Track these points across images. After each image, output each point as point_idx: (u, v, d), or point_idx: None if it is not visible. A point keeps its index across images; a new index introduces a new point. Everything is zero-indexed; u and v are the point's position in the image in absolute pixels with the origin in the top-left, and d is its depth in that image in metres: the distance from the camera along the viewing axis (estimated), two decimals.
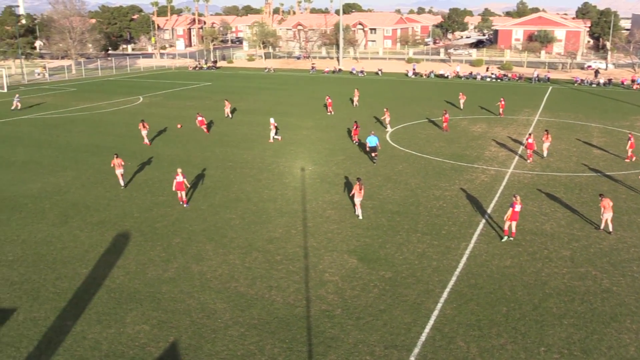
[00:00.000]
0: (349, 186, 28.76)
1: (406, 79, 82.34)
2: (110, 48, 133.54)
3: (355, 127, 38.89)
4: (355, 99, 56.03)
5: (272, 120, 39.81)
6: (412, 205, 25.94)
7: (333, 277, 19.00)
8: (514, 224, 21.84)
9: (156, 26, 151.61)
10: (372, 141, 33.32)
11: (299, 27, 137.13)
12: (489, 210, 25.26)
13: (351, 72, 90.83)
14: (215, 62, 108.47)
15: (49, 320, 16.48)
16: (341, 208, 25.64)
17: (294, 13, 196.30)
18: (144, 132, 39.10)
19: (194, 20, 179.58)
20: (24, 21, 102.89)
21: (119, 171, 28.90)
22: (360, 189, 24.16)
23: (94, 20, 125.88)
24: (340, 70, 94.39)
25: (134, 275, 19.28)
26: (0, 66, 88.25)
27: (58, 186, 29.48)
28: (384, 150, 36.37)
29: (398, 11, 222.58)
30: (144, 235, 22.78)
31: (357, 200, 24.34)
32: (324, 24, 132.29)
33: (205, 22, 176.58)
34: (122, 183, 29.24)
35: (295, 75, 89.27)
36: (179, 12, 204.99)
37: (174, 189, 26.38)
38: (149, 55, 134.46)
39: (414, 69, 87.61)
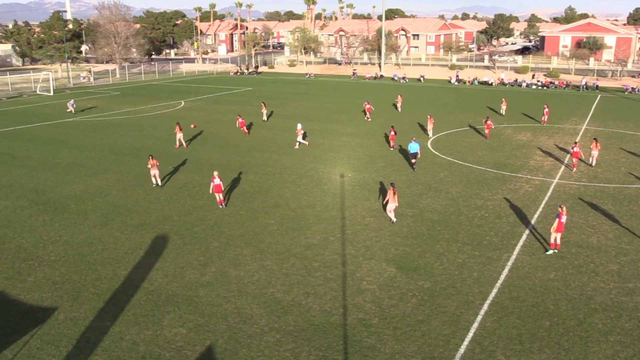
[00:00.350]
0: (385, 192, 28.58)
1: (449, 86, 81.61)
2: (153, 53, 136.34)
3: (392, 132, 38.81)
4: (399, 104, 56.37)
5: (299, 126, 40.53)
6: (453, 215, 25.65)
7: (371, 285, 18.91)
8: (558, 235, 21.37)
9: (199, 31, 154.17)
10: (413, 147, 33.39)
11: (341, 33, 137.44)
12: (532, 222, 24.77)
13: (393, 79, 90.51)
14: (257, 67, 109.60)
15: (88, 320, 16.85)
16: (380, 216, 25.52)
17: (336, 19, 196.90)
18: (179, 135, 39.90)
19: (236, 25, 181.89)
20: (71, 26, 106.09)
21: (153, 172, 29.97)
22: (395, 195, 24.12)
23: (138, 25, 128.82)
24: (381, 76, 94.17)
25: (172, 278, 19.56)
26: (48, 70, 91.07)
27: (100, 188, 30.17)
28: (425, 157, 36.09)
29: (442, 17, 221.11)
30: (182, 238, 23.11)
31: (391, 206, 24.28)
32: (366, 29, 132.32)
33: (247, 28, 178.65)
34: (158, 182, 30.23)
35: (336, 81, 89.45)
36: (221, 17, 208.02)
37: (211, 191, 26.82)
38: (191, 60, 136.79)
39: (457, 76, 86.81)
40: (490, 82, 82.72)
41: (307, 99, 67.45)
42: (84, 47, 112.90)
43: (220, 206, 26.74)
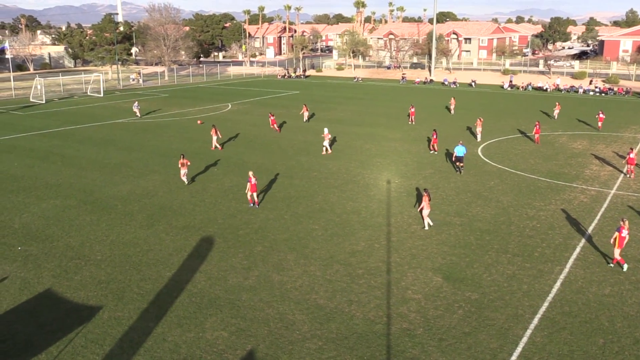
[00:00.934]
0: (433, 201, 28.30)
1: (501, 91, 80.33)
2: (202, 55, 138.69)
3: (434, 136, 39.18)
4: (452, 107, 56.38)
5: (326, 130, 40.06)
6: (503, 224, 25.19)
7: (416, 294, 18.73)
8: (617, 251, 20.70)
9: (247, 34, 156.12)
10: (459, 151, 33.78)
11: (390, 36, 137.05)
12: (587, 234, 24.11)
13: (443, 83, 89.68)
14: (304, 70, 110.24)
15: (131, 320, 17.21)
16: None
17: (386, 22, 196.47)
18: (215, 138, 40.78)
19: (284, 28, 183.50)
20: (121, 28, 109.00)
21: (183, 171, 31.11)
22: (429, 201, 24.22)
23: (187, 28, 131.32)
24: (431, 81, 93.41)
25: (215, 281, 19.80)
26: (98, 71, 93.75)
27: (146, 189, 30.83)
28: (474, 165, 35.61)
29: (495, 20, 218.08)
30: (226, 241, 23.38)
31: (425, 212, 24.34)
32: (417, 33, 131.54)
33: (295, 31, 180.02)
34: (186, 181, 31.44)
35: (385, 86, 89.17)
36: (270, 20, 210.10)
37: (246, 191, 28.00)
38: (239, 63, 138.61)
39: (510, 81, 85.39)
40: (545, 88, 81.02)
41: (355, 103, 67.44)
42: (133, 50, 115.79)
43: (251, 205, 27.72)
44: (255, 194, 27.77)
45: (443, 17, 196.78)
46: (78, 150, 40.82)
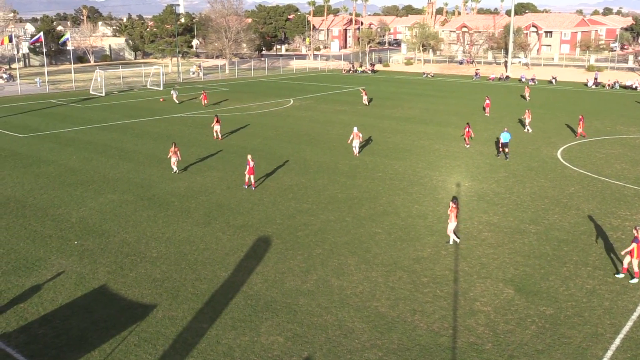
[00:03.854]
0: (506, 207, 27.78)
1: (585, 90, 77.91)
2: (264, 48, 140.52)
3: (467, 128, 40.82)
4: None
5: (355, 129, 38.86)
6: (584, 234, 24.44)
7: (485, 307, 18.41)
8: (635, 262, 19.94)
9: (311, 26, 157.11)
10: (505, 137, 37.08)
11: (464, 29, 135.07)
12: None
13: (520, 80, 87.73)
14: (372, 65, 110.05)
15: (185, 320, 17.62)
16: (499, 231, 24.80)
17: (459, 14, 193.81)
18: (216, 127, 43.46)
19: (350, 20, 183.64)
20: (183, 20, 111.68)
21: (174, 159, 33.38)
22: (456, 213, 23.21)
23: (249, 20, 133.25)
24: (507, 77, 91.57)
25: (272, 283, 20.02)
26: (158, 64, 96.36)
27: (204, 186, 31.48)
28: (553, 169, 34.73)
29: (579, 12, 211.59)
30: (285, 242, 23.61)
31: (451, 225, 23.34)
32: (492, 25, 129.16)
33: (362, 23, 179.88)
34: (175, 169, 33.82)
35: (457, 82, 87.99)
36: (335, 12, 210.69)
37: (246, 172, 30.55)
38: (302, 57, 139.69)
39: (595, 78, 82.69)
40: (634, 87, 78.04)
41: (424, 100, 66.84)
42: (194, 42, 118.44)
43: (245, 187, 30.69)
44: (252, 177, 30.49)
45: (522, 8, 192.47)
46: (136, 144, 42.11)
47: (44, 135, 45.67)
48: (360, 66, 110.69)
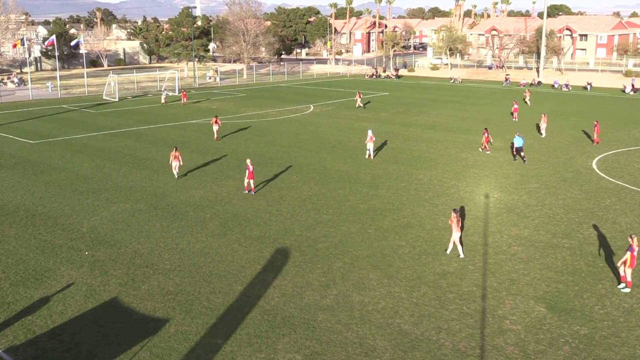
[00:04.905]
0: (538, 220, 27.53)
1: (622, 96, 77.16)
2: (283, 52, 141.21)
3: (485, 134, 42.17)
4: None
5: (370, 132, 40.14)
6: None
7: (514, 325, 18.23)
8: (629, 271, 20.54)
9: (333, 29, 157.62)
10: (518, 142, 38.97)
11: (493, 32, 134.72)
12: None
13: (553, 86, 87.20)
14: (397, 70, 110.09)
15: (199, 335, 17.66)
16: (530, 245, 24.58)
17: (488, 16, 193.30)
18: (215, 128, 46.21)
19: (374, 23, 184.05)
20: (199, 23, 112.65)
21: (175, 163, 34.47)
22: (458, 222, 23.32)
23: (269, 23, 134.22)
24: (539, 83, 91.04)
25: (290, 298, 20.01)
26: (174, 69, 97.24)
27: (220, 195, 31.63)
28: (588, 180, 34.38)
29: (617, 14, 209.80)
30: (303, 255, 23.61)
31: (455, 235, 23.41)
32: (523, 28, 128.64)
33: (386, 26, 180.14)
34: (175, 174, 34.85)
35: (486, 87, 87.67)
36: (358, 14, 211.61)
37: (245, 177, 31.50)
38: (324, 61, 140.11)
39: (632, 84, 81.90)
40: None
41: (450, 106, 66.65)
42: (211, 45, 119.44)
43: (246, 192, 31.65)
44: (252, 181, 31.45)
45: (555, 10, 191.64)
46: (150, 151, 42.46)
47: (55, 142, 46.25)
48: (384, 71, 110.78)
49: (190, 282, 21.28)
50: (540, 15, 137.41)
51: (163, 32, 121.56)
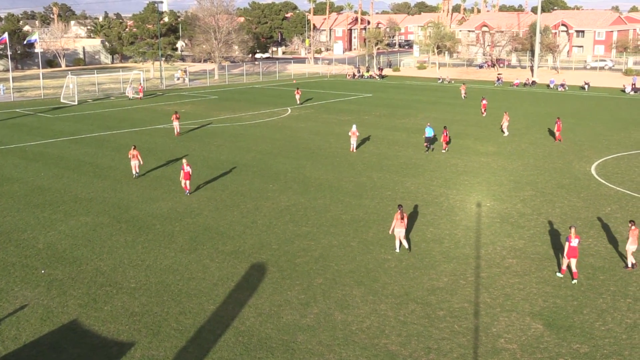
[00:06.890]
0: (533, 230, 27.75)
1: (622, 96, 78.19)
2: (258, 51, 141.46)
3: (444, 133, 44.14)
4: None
5: (354, 127, 44.59)
6: (622, 262, 24.39)
7: (510, 344, 18.34)
8: (572, 261, 22.46)
9: (312, 26, 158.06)
10: (429, 132, 43.70)
11: (484, 29, 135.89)
12: None
13: (548, 86, 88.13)
14: (381, 69, 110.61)
15: None
16: (526, 257, 24.77)
17: (479, 11, 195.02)
18: (175, 123, 50.01)
19: (356, 19, 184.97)
20: (166, 19, 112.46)
21: (134, 162, 36.42)
22: (402, 219, 24.68)
23: (242, 19, 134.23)
24: (534, 82, 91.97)
25: (267, 317, 19.96)
26: (139, 69, 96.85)
27: (190, 207, 31.50)
28: (586, 186, 34.74)
29: (615, 9, 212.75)
30: (281, 271, 23.57)
31: (398, 231, 24.86)
32: (516, 24, 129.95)
33: (369, 22, 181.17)
34: (134, 173, 36.79)
35: (476, 88, 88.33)
36: (339, 9, 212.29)
37: (181, 178, 33.07)
38: (302, 60, 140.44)
39: (633, 84, 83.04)
40: None
41: (439, 109, 67.06)
42: (179, 44, 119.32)
43: (187, 192, 33.16)
44: (188, 182, 33.00)
45: (550, 5, 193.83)
46: (113, 159, 42.20)
47: (7, 150, 45.81)
48: (367, 71, 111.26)
49: (157, 302, 21.13)
50: (534, 10, 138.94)
51: (127, 29, 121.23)
